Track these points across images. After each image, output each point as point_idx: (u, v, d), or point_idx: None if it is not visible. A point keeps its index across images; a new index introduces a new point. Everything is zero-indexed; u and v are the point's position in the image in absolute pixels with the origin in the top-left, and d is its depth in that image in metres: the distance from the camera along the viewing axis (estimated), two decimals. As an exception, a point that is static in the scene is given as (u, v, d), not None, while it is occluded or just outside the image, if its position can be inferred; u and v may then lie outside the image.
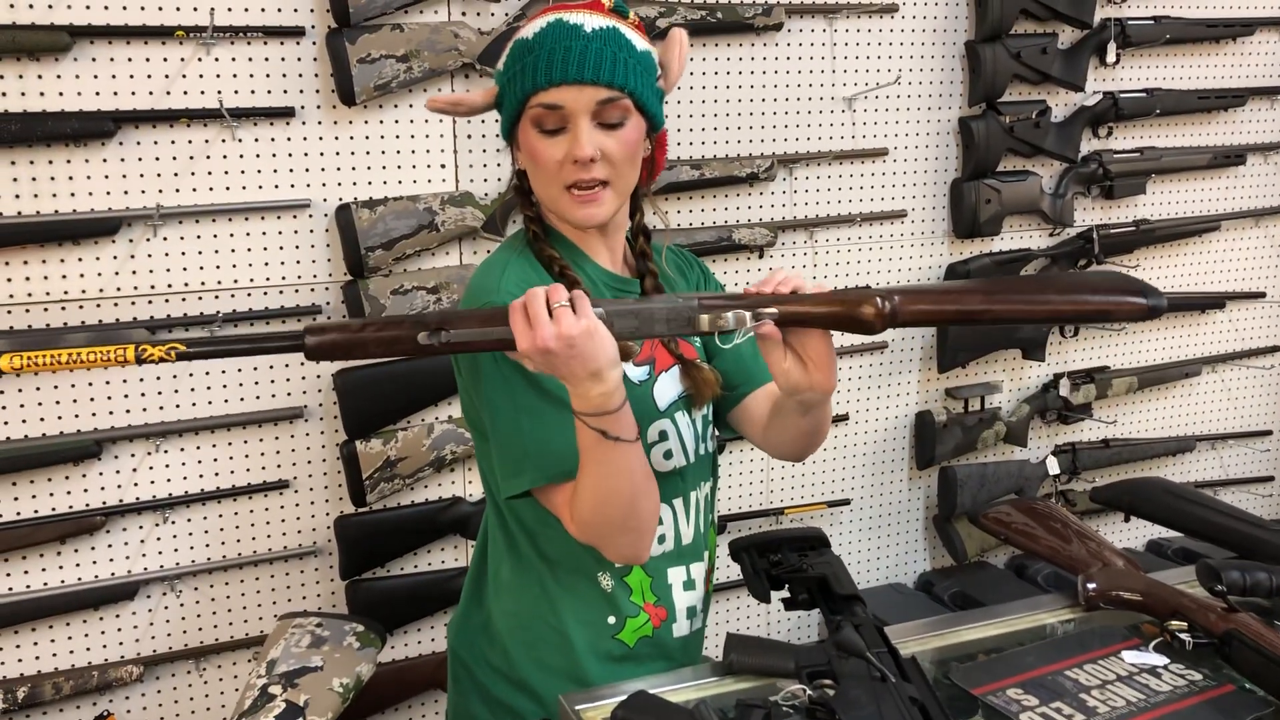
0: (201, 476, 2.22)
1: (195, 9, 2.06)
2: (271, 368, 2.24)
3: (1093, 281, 1.29)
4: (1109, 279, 1.28)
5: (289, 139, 2.18)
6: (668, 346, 1.43)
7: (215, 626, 2.28)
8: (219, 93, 2.11)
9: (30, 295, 2.05)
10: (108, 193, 2.07)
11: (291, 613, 1.48)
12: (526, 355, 1.17)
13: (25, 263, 2.04)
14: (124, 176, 2.08)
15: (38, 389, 2.08)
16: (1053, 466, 3.02)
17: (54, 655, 2.16)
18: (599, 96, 1.28)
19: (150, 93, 2.07)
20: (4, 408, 2.06)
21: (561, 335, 1.14)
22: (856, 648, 1.29)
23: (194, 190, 2.13)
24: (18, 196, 2.01)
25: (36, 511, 2.11)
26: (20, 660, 2.14)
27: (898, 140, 2.76)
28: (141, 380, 2.15)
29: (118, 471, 2.16)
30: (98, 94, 2.03)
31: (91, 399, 2.12)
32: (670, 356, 1.43)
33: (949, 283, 1.27)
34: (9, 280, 2.03)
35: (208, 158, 2.13)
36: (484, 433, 1.38)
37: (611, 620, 1.42)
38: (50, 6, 1.98)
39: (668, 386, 1.42)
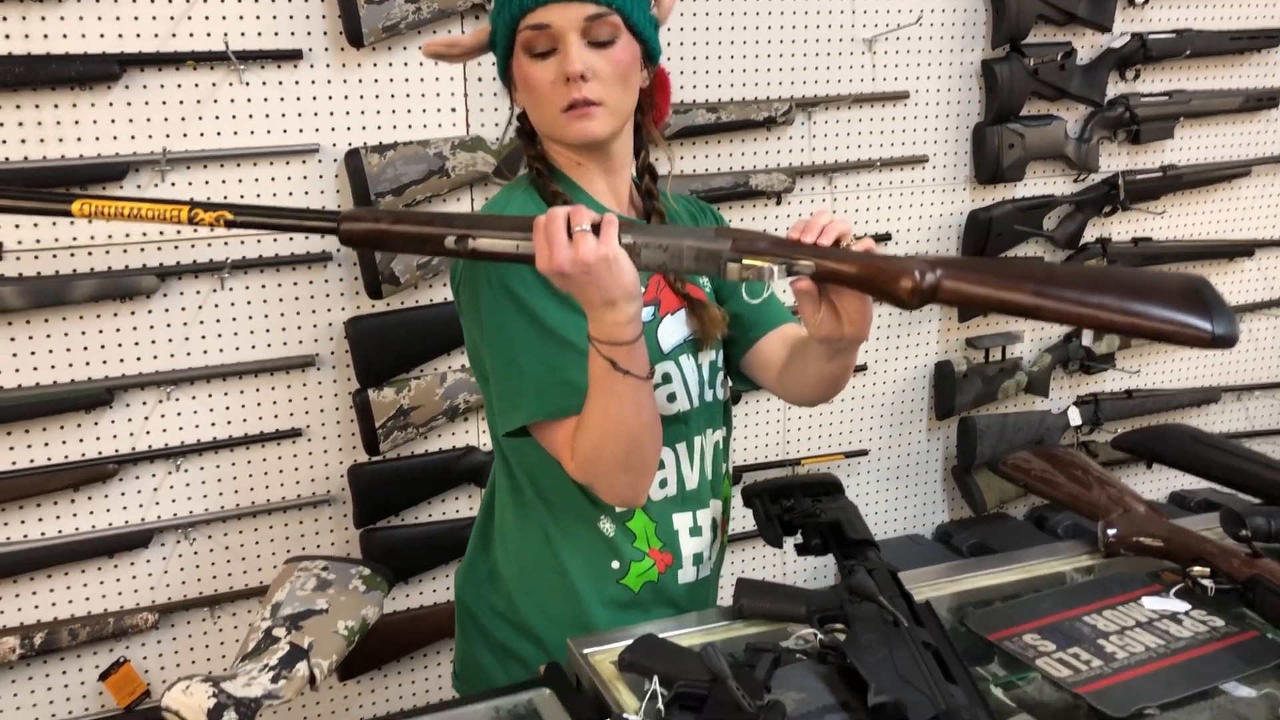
0: (214, 425, 2.22)
1: (199, -52, 2.03)
2: (283, 315, 2.22)
3: (1160, 288, 1.07)
4: (1179, 288, 1.07)
5: (296, 82, 2.15)
6: (674, 287, 1.39)
7: (229, 575, 2.28)
8: (225, 35, 2.07)
9: (39, 242, 2.03)
10: (114, 137, 2.04)
11: (297, 556, 1.47)
12: (545, 274, 1.15)
13: (33, 208, 2.02)
14: (130, 121, 2.05)
15: (48, 336, 2.07)
16: (1074, 417, 2.98)
17: (70, 602, 2.17)
18: (586, 12, 1.25)
19: (155, 35, 2.04)
20: (15, 354, 2.05)
21: (578, 260, 1.12)
22: (869, 592, 1.27)
23: (201, 135, 2.10)
24: (23, 141, 1.99)
25: (49, 459, 2.11)
26: (36, 607, 2.15)
27: (919, 83, 2.69)
28: (152, 328, 2.14)
29: (129, 419, 2.15)
30: (102, 36, 2.00)
31: (102, 346, 2.11)
32: (677, 298, 1.40)
33: (1001, 261, 1.06)
34: (17, 227, 2.01)
35: (215, 101, 2.10)
36: (481, 368, 1.36)
37: (615, 565, 1.40)
38: (52, -54, 1.94)
39: (673, 329, 1.39)
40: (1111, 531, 1.52)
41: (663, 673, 1.17)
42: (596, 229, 1.13)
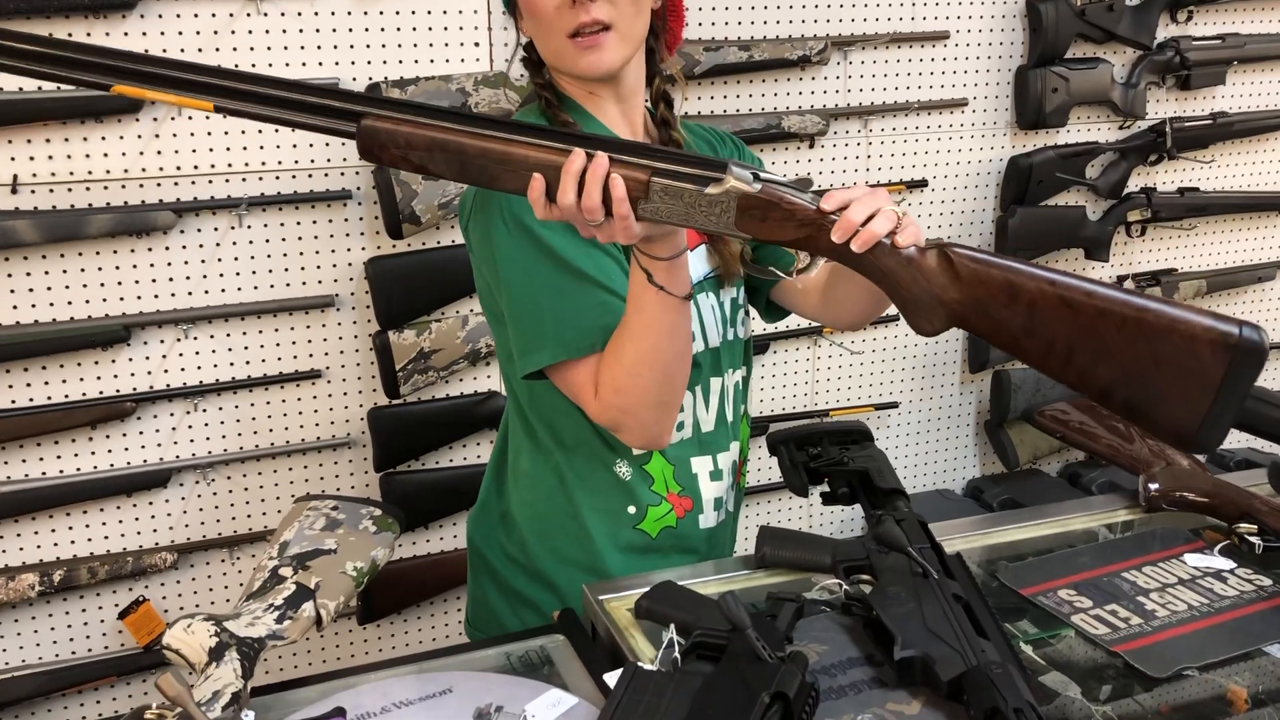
0: (232, 365, 2.18)
1: (216, -128, 1.96)
2: (302, 254, 2.18)
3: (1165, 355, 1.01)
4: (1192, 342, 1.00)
5: (315, 13, 2.08)
6: None
7: (249, 516, 2.26)
8: (242, -37, 2.02)
9: (54, 175, 1.99)
10: (129, 68, 1.99)
11: (308, 495, 1.44)
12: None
13: (48, 140, 1.98)
14: (145, 51, 2.00)
15: (64, 271, 2.03)
16: (1113, 372, 2.89)
17: (89, 540, 2.16)
18: None
19: (171, -38, 1.98)
20: (31, 289, 2.02)
21: (586, 208, 1.06)
22: (897, 542, 1.22)
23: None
24: (37, 71, 1.94)
25: (66, 396, 2.08)
26: (56, 545, 2.14)
27: (959, 23, 2.59)
28: (170, 265, 2.10)
29: (147, 358, 2.12)
30: (117, -37, 1.95)
31: (119, 283, 2.07)
32: (698, 234, 1.33)
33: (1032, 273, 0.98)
34: (31, 159, 1.98)
35: (232, 33, 2.04)
36: (500, 317, 1.31)
37: (631, 510, 1.35)
38: None
39: (693, 265, 1.31)
40: (1154, 486, 1.46)
41: (680, 621, 1.13)
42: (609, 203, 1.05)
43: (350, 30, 2.11)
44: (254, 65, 2.07)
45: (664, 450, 1.35)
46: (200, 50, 2.03)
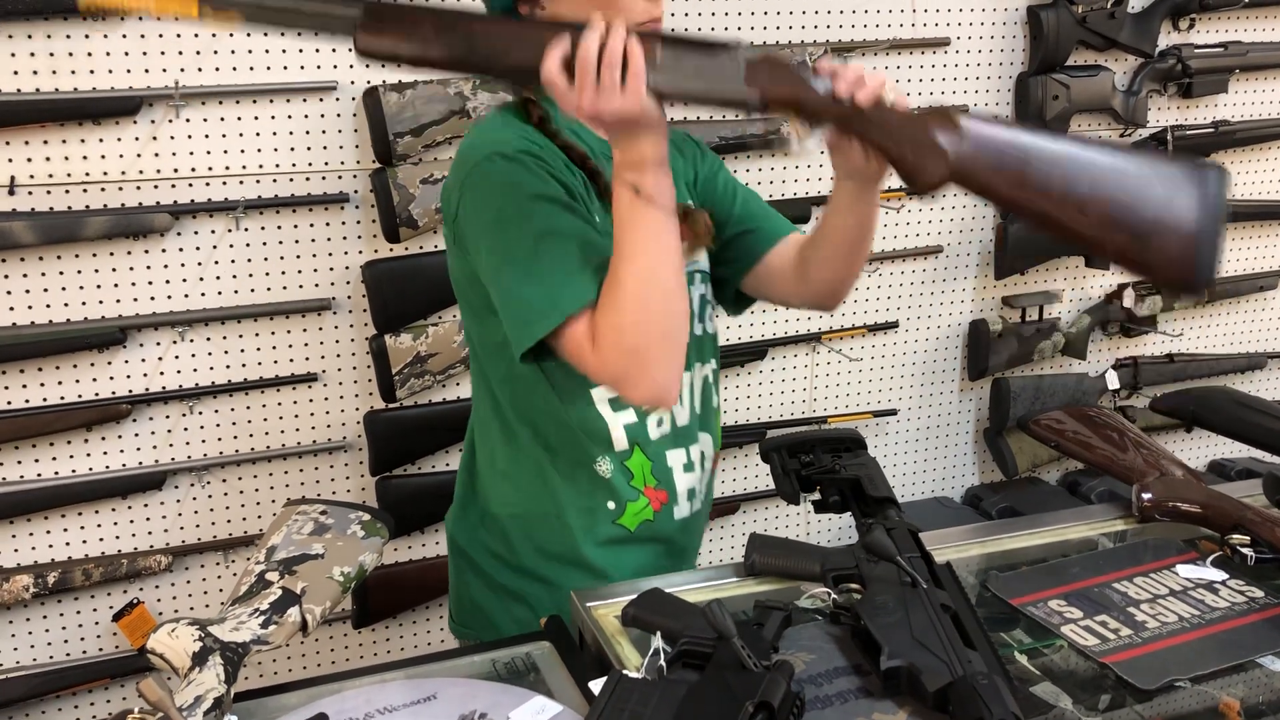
0: (228, 367, 2.18)
1: (215, -125, 1.96)
2: (299, 257, 2.18)
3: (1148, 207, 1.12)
4: (1179, 177, 1.13)
5: (314, 17, 2.08)
6: None
7: (244, 519, 2.26)
8: (241, -34, 2.01)
9: (51, 176, 2.00)
10: (127, 70, 2.00)
11: (297, 499, 1.44)
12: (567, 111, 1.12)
13: (45, 142, 1.98)
14: (144, 54, 2.00)
15: (60, 273, 2.03)
16: (1112, 381, 2.89)
17: (84, 542, 2.16)
18: None
19: (170, -35, 1.98)
20: (28, 291, 2.02)
21: (602, 112, 1.09)
22: (886, 551, 1.21)
23: (216, 70, 2.05)
24: (35, 73, 1.95)
25: (62, 398, 2.08)
26: (51, 546, 2.14)
27: (960, 29, 2.59)
28: (166, 267, 2.10)
29: (143, 360, 2.12)
30: (115, -35, 1.95)
31: (115, 285, 2.07)
32: None
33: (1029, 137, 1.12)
34: (29, 160, 1.98)
35: (230, 35, 2.05)
36: (474, 306, 1.32)
37: (611, 506, 1.37)
38: None
39: None
40: (1147, 495, 1.45)
41: (667, 629, 1.12)
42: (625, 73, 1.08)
43: (348, 34, 2.11)
44: (251, 69, 2.07)
45: (644, 445, 1.36)
46: (199, 53, 2.03)
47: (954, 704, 1.01)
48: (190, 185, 2.08)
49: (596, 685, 1.09)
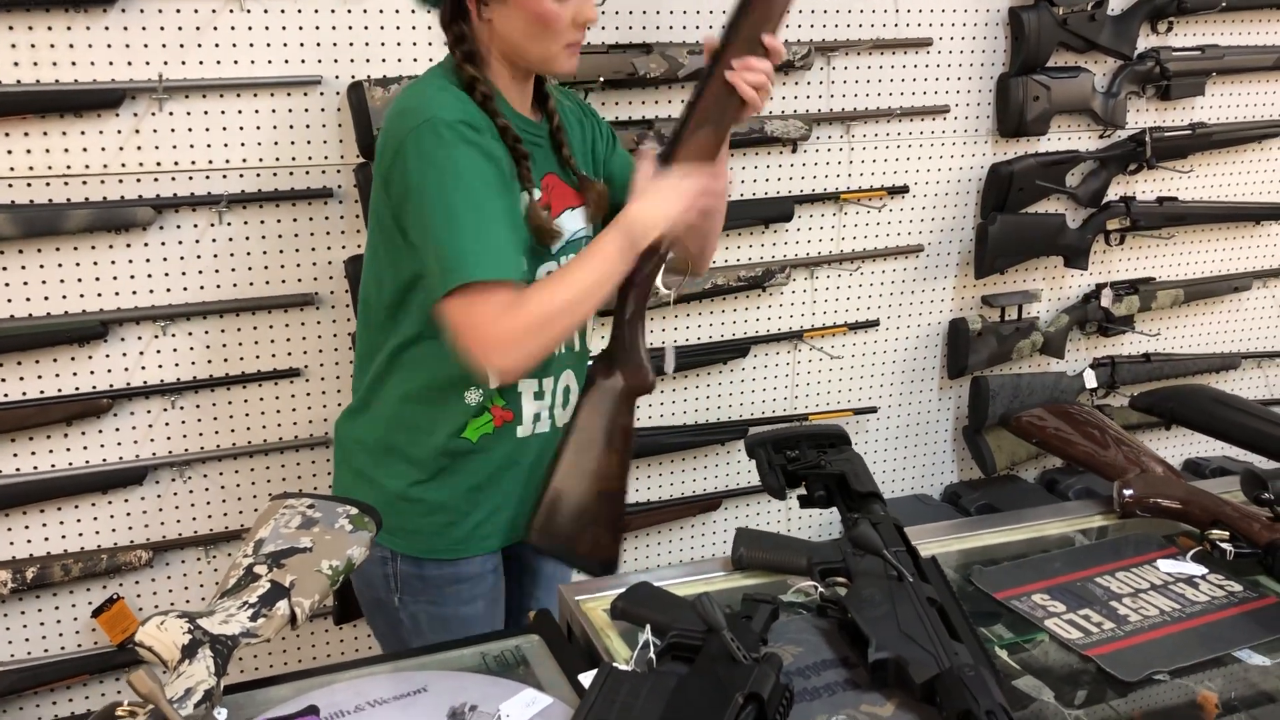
0: (210, 362, 2.17)
1: None
2: (282, 252, 2.17)
3: None
4: None
5: (299, 10, 2.08)
6: (567, 179, 1.55)
7: (225, 514, 2.25)
8: (225, -41, 2.01)
9: (31, 169, 1.98)
10: (110, 62, 1.98)
11: (284, 493, 1.43)
12: None
13: (26, 134, 1.96)
14: (127, 46, 1.99)
15: (41, 266, 2.02)
16: (1090, 380, 2.92)
17: (63, 537, 2.14)
18: None
19: (154, -43, 1.97)
20: (7, 284, 2.01)
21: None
22: (873, 545, 1.22)
23: (200, 63, 2.04)
24: (16, 64, 1.93)
25: (43, 392, 2.07)
26: (29, 541, 2.12)
27: (943, 30, 2.61)
28: (148, 261, 2.08)
29: (124, 354, 2.11)
30: (99, -43, 1.94)
31: (97, 279, 2.06)
32: (570, 193, 1.55)
33: None
34: (9, 152, 1.96)
35: (214, 28, 2.03)
36: (390, 237, 1.45)
37: (463, 420, 1.52)
38: None
39: (569, 223, 1.53)
40: (1128, 492, 1.47)
41: (656, 622, 1.13)
42: None
43: (334, 28, 2.11)
44: (236, 62, 2.06)
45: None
46: (182, 45, 2.02)
47: (941, 695, 1.03)
48: (173, 179, 2.06)
49: (586, 678, 1.10)
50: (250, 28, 2.05)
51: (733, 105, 1.44)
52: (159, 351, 2.13)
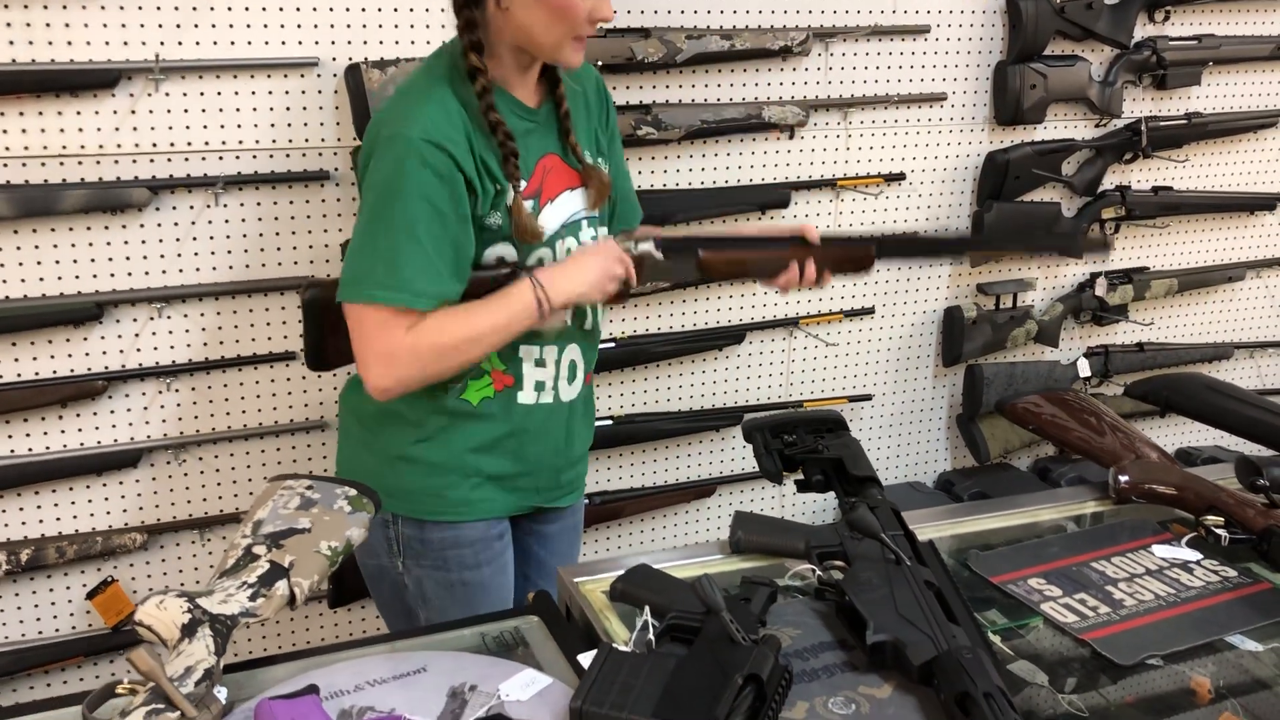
0: (206, 345, 2.17)
1: None
2: (278, 234, 2.17)
3: None
4: None
5: (296, -9, 2.07)
6: (568, 161, 1.56)
7: (220, 497, 2.25)
8: (222, -62, 1.99)
9: (27, 148, 1.97)
10: (106, 42, 1.97)
11: (282, 474, 1.43)
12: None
13: (21, 114, 1.95)
14: (123, 26, 1.98)
15: (36, 247, 2.01)
16: (1084, 368, 2.93)
17: (57, 519, 2.14)
18: None
19: (150, -64, 1.96)
20: (2, 265, 2.00)
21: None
22: (870, 528, 1.23)
23: (197, 44, 2.03)
24: (11, 43, 1.92)
25: (37, 374, 2.06)
26: (24, 523, 2.12)
27: (940, 17, 2.60)
28: (144, 243, 2.08)
29: (119, 336, 2.10)
30: (94, -65, 1.92)
31: (92, 260, 2.05)
32: (569, 175, 1.56)
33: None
34: (4, 132, 1.95)
35: (211, 9, 2.02)
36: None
37: (456, 383, 1.53)
38: None
39: (565, 207, 1.55)
40: (1124, 478, 1.48)
41: (655, 603, 1.14)
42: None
43: (331, 10, 2.10)
44: (233, 43, 2.05)
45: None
46: (179, 26, 2.01)
47: (939, 677, 1.03)
48: (169, 160, 2.06)
49: (585, 659, 1.10)
50: (247, 8, 2.04)
51: (765, 277, 1.59)
52: (154, 334, 2.12)
